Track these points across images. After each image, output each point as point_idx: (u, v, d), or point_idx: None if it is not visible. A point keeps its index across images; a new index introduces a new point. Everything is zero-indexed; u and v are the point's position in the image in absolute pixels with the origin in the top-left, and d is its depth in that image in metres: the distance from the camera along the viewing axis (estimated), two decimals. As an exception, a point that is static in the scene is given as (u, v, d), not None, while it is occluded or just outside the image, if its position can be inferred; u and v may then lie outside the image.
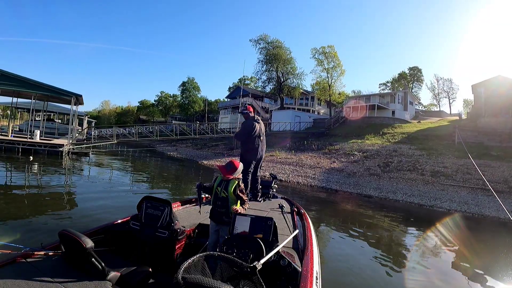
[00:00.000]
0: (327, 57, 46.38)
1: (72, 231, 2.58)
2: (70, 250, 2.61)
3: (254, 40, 49.64)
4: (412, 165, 20.30)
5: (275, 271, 3.07)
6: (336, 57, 46.58)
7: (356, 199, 15.36)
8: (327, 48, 46.64)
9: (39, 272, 2.39)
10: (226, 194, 4.15)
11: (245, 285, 2.27)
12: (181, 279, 1.86)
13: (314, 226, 5.04)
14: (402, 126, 33.88)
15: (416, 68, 74.80)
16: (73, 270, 2.50)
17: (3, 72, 23.27)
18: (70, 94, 25.69)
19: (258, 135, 6.49)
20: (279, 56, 46.90)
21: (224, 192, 4.16)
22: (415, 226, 11.04)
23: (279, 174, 20.66)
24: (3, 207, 8.59)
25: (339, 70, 46.90)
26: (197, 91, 75.74)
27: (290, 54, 48.81)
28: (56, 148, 22.35)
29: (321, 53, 46.72)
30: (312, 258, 3.18)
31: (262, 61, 49.22)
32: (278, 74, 48.46)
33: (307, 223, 4.69)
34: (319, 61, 46.88)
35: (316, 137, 34.44)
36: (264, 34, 49.62)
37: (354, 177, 19.44)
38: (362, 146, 27.12)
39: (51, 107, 37.37)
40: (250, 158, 6.45)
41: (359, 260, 7.20)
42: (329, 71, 46.49)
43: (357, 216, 12.10)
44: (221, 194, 4.18)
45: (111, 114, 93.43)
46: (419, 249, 8.29)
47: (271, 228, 3.44)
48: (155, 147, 42.33)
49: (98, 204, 10.11)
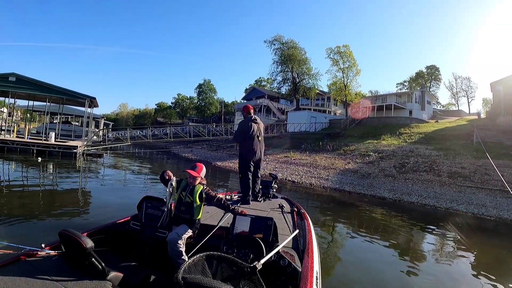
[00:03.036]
0: (342, 57, 45.74)
1: (72, 231, 2.57)
2: (70, 250, 2.59)
3: (268, 41, 49.48)
4: (428, 166, 19.74)
5: (275, 271, 3.06)
6: (351, 56, 45.92)
7: (369, 201, 14.95)
8: (342, 48, 46.01)
9: (39, 272, 2.36)
10: (191, 199, 3.97)
11: (245, 285, 2.27)
12: (181, 279, 1.87)
13: (314, 226, 4.93)
14: (419, 126, 33.14)
15: (433, 66, 73.28)
16: (73, 270, 2.47)
17: (18, 76, 24.28)
18: (84, 97, 26.21)
19: (256, 135, 6.36)
20: (294, 57, 46.61)
21: (189, 197, 3.99)
22: (427, 228, 10.56)
23: (292, 176, 20.48)
24: (5, 207, 8.61)
25: (355, 70, 46.20)
26: (213, 93, 76.15)
27: (305, 54, 48.54)
28: (70, 150, 22.77)
29: (336, 53, 46.13)
30: (312, 258, 3.14)
31: (277, 62, 49.06)
32: (293, 75, 48.14)
33: (307, 223, 4.64)
34: (334, 61, 46.31)
35: (331, 138, 34.00)
36: (278, 34, 49.39)
37: (368, 178, 19.02)
38: (378, 146, 26.60)
39: (68, 110, 38.28)
40: (248, 158, 6.36)
41: (362, 261, 7.03)
42: (345, 71, 45.86)
43: (367, 217, 11.76)
44: (185, 199, 4.00)
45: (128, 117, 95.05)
46: (430, 252, 7.93)
47: (271, 228, 3.48)
48: (170, 149, 42.58)
49: (101, 204, 10.17)
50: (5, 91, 25.48)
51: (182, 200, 4.01)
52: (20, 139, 24.29)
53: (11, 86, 24.40)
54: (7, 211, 8.09)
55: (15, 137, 25.42)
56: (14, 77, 24.28)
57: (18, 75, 24.39)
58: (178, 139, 32.29)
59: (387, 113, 41.30)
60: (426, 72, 73.54)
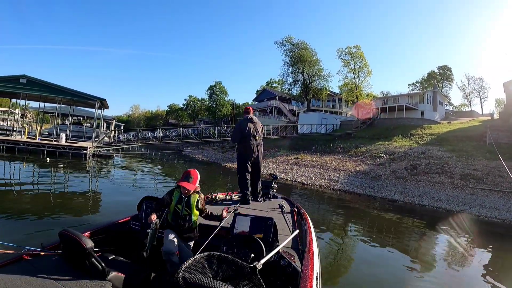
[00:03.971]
0: (353, 58, 45.49)
1: (72, 231, 2.58)
2: (70, 250, 2.59)
3: (279, 42, 49.32)
4: (440, 168, 19.44)
5: (275, 271, 3.05)
6: (362, 57, 45.62)
7: (380, 203, 14.76)
8: (353, 48, 45.77)
9: (39, 272, 2.36)
10: (189, 211, 3.75)
11: (245, 285, 2.27)
12: (181, 279, 1.86)
13: (321, 228, 4.86)
14: (431, 127, 32.62)
15: (445, 67, 72.07)
16: (73, 270, 2.47)
17: (29, 78, 24.93)
18: (94, 98, 26.61)
19: (253, 135, 6.34)
20: (304, 58, 46.34)
21: (186, 210, 3.73)
22: (438, 231, 10.32)
23: (301, 177, 20.37)
24: (6, 207, 8.65)
25: (366, 71, 45.91)
26: (224, 94, 76.05)
27: (315, 55, 48.19)
28: (80, 151, 23.01)
29: (347, 54, 45.91)
30: (312, 258, 3.10)
31: (288, 63, 48.85)
32: (304, 76, 47.89)
33: (307, 223, 4.62)
34: (345, 62, 46.09)
35: (342, 139, 33.68)
36: (289, 36, 49.34)
37: (379, 180, 18.81)
38: (389, 148, 26.27)
39: (79, 111, 38.85)
40: (245, 158, 6.35)
41: (364, 261, 6.98)
42: (356, 71, 45.59)
43: (375, 219, 11.58)
44: (182, 212, 3.73)
45: (140, 118, 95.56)
46: (440, 256, 7.72)
47: (271, 228, 3.48)
48: (181, 150, 42.72)
49: (103, 205, 10.29)
50: (16, 93, 26.06)
51: (179, 213, 3.74)
52: (31, 140, 24.69)
53: (22, 88, 24.91)
54: (8, 210, 8.12)
55: (26, 138, 25.82)
56: (25, 79, 24.80)
57: (29, 77, 24.91)
58: (188, 140, 32.39)
59: (399, 114, 40.82)
60: (438, 72, 72.46)
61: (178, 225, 3.72)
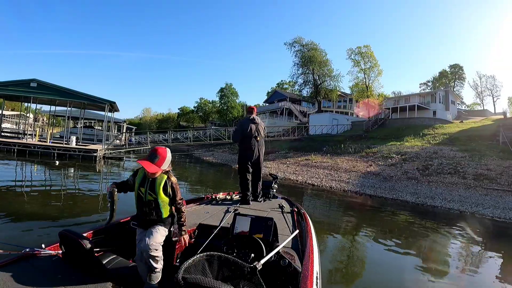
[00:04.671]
0: (364, 57, 45.31)
1: (72, 231, 2.59)
2: (70, 251, 2.60)
3: (288, 43, 49.36)
4: (453, 168, 19.12)
5: (275, 272, 3.01)
6: (372, 57, 45.36)
7: (391, 204, 14.49)
8: (363, 48, 45.58)
9: (39, 272, 2.38)
10: (154, 196, 3.02)
11: (245, 285, 2.25)
12: (181, 279, 1.85)
13: (329, 230, 4.78)
14: (443, 126, 32.16)
15: (457, 65, 71.15)
16: (73, 270, 2.47)
17: (39, 81, 25.48)
18: (104, 101, 26.99)
19: (254, 136, 6.34)
20: (314, 58, 46.25)
21: (150, 194, 3.02)
22: (450, 233, 10.05)
23: (312, 179, 20.22)
24: (7, 207, 8.67)
25: (376, 71, 45.67)
26: (235, 96, 76.20)
27: (325, 56, 48.15)
28: (90, 153, 23.19)
29: (357, 54, 45.77)
30: (312, 258, 3.07)
31: (298, 64, 48.87)
32: (314, 77, 47.77)
33: (307, 223, 4.56)
34: (355, 62, 45.91)
35: (353, 140, 33.44)
36: (298, 36, 49.19)
37: (390, 181, 18.55)
38: (401, 148, 25.98)
39: (90, 114, 39.43)
40: (246, 159, 6.34)
41: (372, 263, 6.86)
42: (366, 71, 45.39)
43: (384, 220, 11.29)
44: (146, 197, 3.03)
45: (152, 121, 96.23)
46: (451, 258, 7.50)
47: (271, 228, 3.44)
48: (192, 152, 42.82)
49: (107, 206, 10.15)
50: (27, 97, 26.63)
51: (143, 198, 3.05)
52: (42, 143, 25.00)
53: (32, 91, 25.46)
54: (9, 210, 8.13)
55: (37, 141, 26.14)
56: (35, 83, 25.29)
57: (39, 81, 25.40)
58: (198, 142, 32.47)
59: (411, 114, 40.37)
60: (450, 71, 71.58)
61: (143, 214, 3.07)
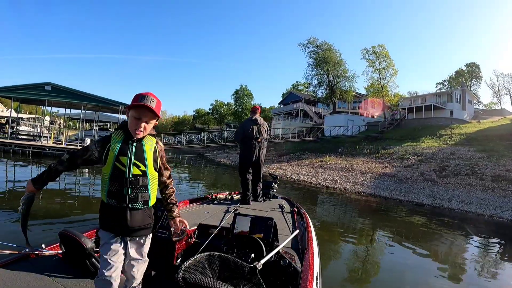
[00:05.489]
0: (378, 57, 44.61)
1: (72, 231, 2.57)
2: (70, 250, 2.59)
3: (302, 44, 49.05)
4: (470, 169, 18.66)
5: (275, 272, 2.99)
6: (387, 56, 44.65)
7: (406, 207, 14.19)
8: (378, 48, 44.88)
9: (39, 272, 2.37)
10: (144, 167, 2.13)
11: (245, 285, 2.23)
12: (181, 279, 1.82)
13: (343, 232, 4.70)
14: (460, 126, 31.56)
15: (473, 64, 69.65)
16: (73, 270, 2.47)
17: (53, 85, 26.24)
18: (117, 104, 27.57)
19: (255, 137, 6.34)
20: (329, 59, 45.83)
21: (137, 165, 2.11)
22: (467, 237, 9.69)
23: (326, 180, 20.05)
24: (8, 207, 8.73)
25: (392, 70, 44.87)
26: (250, 98, 76.32)
27: (340, 56, 47.60)
28: None
29: (372, 53, 45.09)
30: (312, 258, 3.04)
31: (312, 65, 48.48)
32: (329, 78, 47.35)
33: (307, 223, 4.53)
34: (370, 62, 45.26)
35: (369, 141, 33.00)
36: (312, 37, 48.86)
37: (406, 183, 18.21)
38: (417, 149, 25.52)
39: (105, 117, 40.19)
40: (246, 159, 6.38)
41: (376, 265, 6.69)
42: (381, 71, 44.67)
43: (399, 223, 10.92)
44: (131, 170, 2.08)
45: (168, 123, 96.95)
46: (467, 263, 7.14)
47: (271, 228, 3.42)
48: (207, 154, 42.87)
49: None
50: (42, 100, 27.33)
51: (123, 174, 2.06)
52: (56, 145, 25.48)
53: (47, 94, 26.14)
54: (10, 211, 8.17)
55: (52, 143, 26.62)
56: (49, 86, 26.02)
57: (54, 84, 26.10)
58: (213, 144, 32.60)
59: (427, 114, 39.76)
60: (466, 70, 70.07)
61: (121, 200, 2.07)
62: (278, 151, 36.60)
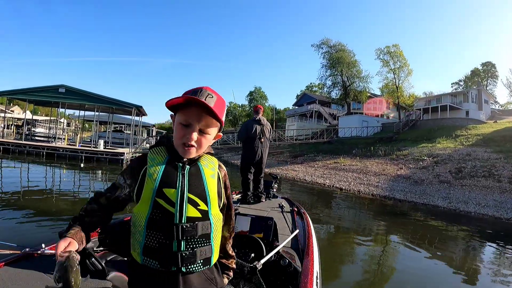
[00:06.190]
0: (393, 57, 43.99)
1: None
2: None
3: (315, 45, 48.74)
4: (487, 171, 18.23)
5: (275, 271, 2.99)
6: (402, 56, 43.99)
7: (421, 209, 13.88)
8: (392, 48, 44.23)
9: (39, 272, 2.36)
10: (206, 205, 1.36)
11: (245, 285, 2.26)
12: None
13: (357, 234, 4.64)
14: (477, 127, 30.79)
15: (489, 63, 68.09)
16: None
17: (67, 87, 26.60)
18: (130, 105, 27.87)
19: (258, 137, 6.37)
20: (342, 60, 45.43)
21: (194, 201, 1.33)
22: (482, 241, 9.41)
23: (340, 182, 19.88)
24: (11, 208, 8.72)
25: (406, 70, 44.15)
26: (264, 100, 76.17)
27: (354, 56, 47.14)
28: (117, 156, 23.64)
29: (386, 53, 44.48)
30: (312, 258, 3.04)
31: (326, 66, 48.10)
32: (343, 78, 46.91)
33: (307, 223, 4.53)
34: (384, 62, 44.68)
35: (384, 142, 32.56)
36: (325, 38, 48.55)
37: (421, 185, 17.90)
38: (433, 150, 25.00)
39: (119, 119, 40.89)
40: (248, 159, 6.40)
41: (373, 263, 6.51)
42: (396, 71, 44.02)
43: (413, 225, 10.52)
44: (185, 209, 1.30)
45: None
46: (481, 269, 6.86)
47: (271, 228, 3.44)
48: (221, 156, 42.78)
49: None
50: (56, 102, 27.95)
51: (173, 215, 1.29)
52: (70, 146, 25.80)
53: (61, 97, 26.61)
54: (11, 212, 8.19)
55: (66, 145, 26.96)
56: (63, 89, 26.36)
57: (67, 86, 26.45)
58: (226, 145, 32.68)
59: (442, 114, 39.10)
60: (482, 69, 68.63)
61: (173, 262, 1.30)
62: (292, 152, 36.41)
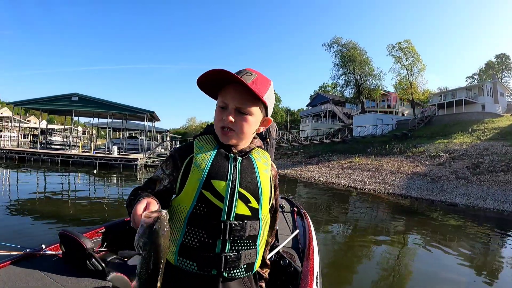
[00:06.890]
0: (405, 53, 43.29)
1: (72, 232, 2.56)
2: (70, 251, 2.59)
3: (327, 44, 48.33)
4: (506, 165, 17.80)
5: (275, 271, 2.92)
6: (414, 51, 43.21)
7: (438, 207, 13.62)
8: (404, 43, 43.55)
9: (39, 272, 2.38)
10: (257, 202, 1.19)
11: None
12: None
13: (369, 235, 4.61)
14: (493, 120, 30.08)
15: (503, 55, 66.36)
16: (73, 270, 2.47)
17: (80, 95, 27.00)
18: (143, 111, 28.17)
19: (264, 137, 6.25)
20: (354, 58, 44.88)
21: (247, 195, 1.17)
22: (503, 238, 9.19)
23: (355, 182, 19.75)
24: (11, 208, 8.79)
25: (419, 66, 43.38)
26: (278, 101, 75.95)
27: (366, 54, 46.50)
28: (131, 162, 23.68)
29: (398, 49, 43.82)
30: (313, 258, 3.08)
31: (338, 65, 47.58)
32: (355, 77, 46.38)
33: (308, 223, 4.53)
34: (397, 58, 44.00)
35: (399, 140, 32.20)
36: (336, 36, 48.12)
37: (438, 182, 17.59)
38: (449, 146, 24.54)
39: (133, 125, 41.36)
40: None
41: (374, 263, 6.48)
42: (409, 67, 43.30)
43: (430, 224, 10.28)
44: (235, 205, 1.14)
45: (197, 130, 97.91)
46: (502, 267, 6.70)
47: None
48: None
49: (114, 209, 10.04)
50: (69, 110, 28.29)
51: (221, 211, 1.12)
52: (84, 153, 26.21)
53: (74, 105, 27.01)
54: (12, 212, 8.27)
55: (81, 152, 27.42)
56: (76, 97, 26.79)
57: (80, 95, 26.88)
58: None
59: (458, 109, 38.29)
60: (496, 61, 66.92)
61: (216, 264, 1.13)
62: (307, 153, 36.26)
